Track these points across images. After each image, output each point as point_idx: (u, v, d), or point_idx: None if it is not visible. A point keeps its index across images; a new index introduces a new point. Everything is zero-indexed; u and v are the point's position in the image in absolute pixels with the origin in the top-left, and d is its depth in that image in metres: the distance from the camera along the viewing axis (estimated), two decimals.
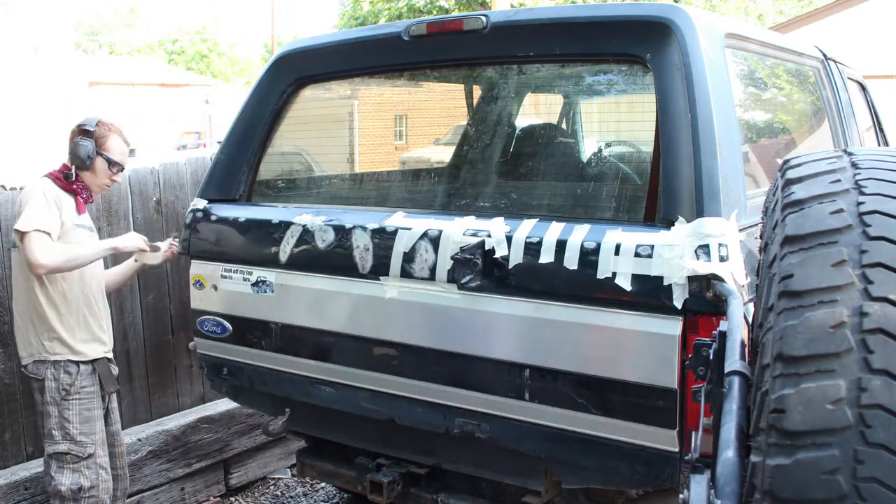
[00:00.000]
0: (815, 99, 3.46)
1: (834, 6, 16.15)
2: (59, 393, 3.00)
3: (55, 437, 3.00)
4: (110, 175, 3.14)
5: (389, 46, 2.86)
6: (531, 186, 2.89)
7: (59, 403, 3.01)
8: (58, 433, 3.00)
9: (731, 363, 1.34)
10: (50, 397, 3.01)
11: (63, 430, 3.00)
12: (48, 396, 3.01)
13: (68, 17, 14.88)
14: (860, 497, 0.98)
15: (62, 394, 3.01)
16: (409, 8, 20.15)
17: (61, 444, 3.00)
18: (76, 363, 3.05)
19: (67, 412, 3.01)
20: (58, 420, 3.00)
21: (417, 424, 2.62)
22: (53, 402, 3.01)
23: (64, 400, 3.01)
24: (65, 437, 3.00)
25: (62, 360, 3.02)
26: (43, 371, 3.02)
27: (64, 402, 3.01)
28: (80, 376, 3.05)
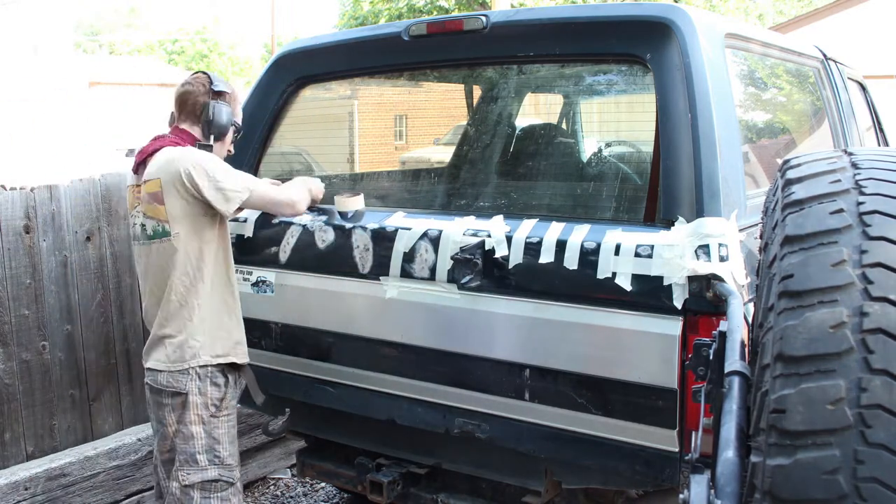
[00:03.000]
0: (815, 99, 3.46)
1: (834, 6, 16.15)
2: (206, 410, 2.57)
3: (201, 463, 2.56)
4: (230, 145, 2.75)
5: (389, 46, 2.86)
6: (531, 186, 2.89)
7: (207, 422, 2.57)
8: (204, 457, 2.56)
9: (731, 363, 1.34)
10: (195, 415, 2.55)
11: (212, 453, 2.57)
12: (192, 414, 2.55)
13: (68, 17, 14.89)
14: (860, 497, 0.98)
15: (212, 410, 2.57)
16: (409, 8, 20.15)
17: (209, 469, 2.57)
18: (223, 372, 2.61)
19: (217, 431, 2.59)
20: (206, 442, 2.56)
21: (417, 424, 2.62)
22: (199, 420, 2.56)
23: (213, 417, 2.58)
24: (212, 461, 2.58)
25: (209, 368, 2.56)
26: (184, 383, 2.54)
27: (213, 420, 2.58)
28: (229, 388, 2.63)
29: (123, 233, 3.66)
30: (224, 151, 2.70)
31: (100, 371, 3.65)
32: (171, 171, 2.48)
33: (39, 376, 3.43)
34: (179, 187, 2.48)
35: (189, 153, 2.51)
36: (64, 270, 3.51)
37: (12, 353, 3.32)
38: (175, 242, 2.53)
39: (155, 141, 2.62)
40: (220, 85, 2.65)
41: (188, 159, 2.49)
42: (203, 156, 2.51)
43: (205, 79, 2.66)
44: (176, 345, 2.55)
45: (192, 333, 2.55)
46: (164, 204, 2.51)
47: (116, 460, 3.49)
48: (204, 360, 2.56)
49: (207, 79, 2.66)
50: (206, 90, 2.62)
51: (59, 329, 3.50)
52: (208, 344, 2.57)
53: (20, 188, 3.38)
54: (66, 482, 3.33)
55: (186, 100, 2.63)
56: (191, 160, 2.48)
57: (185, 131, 2.63)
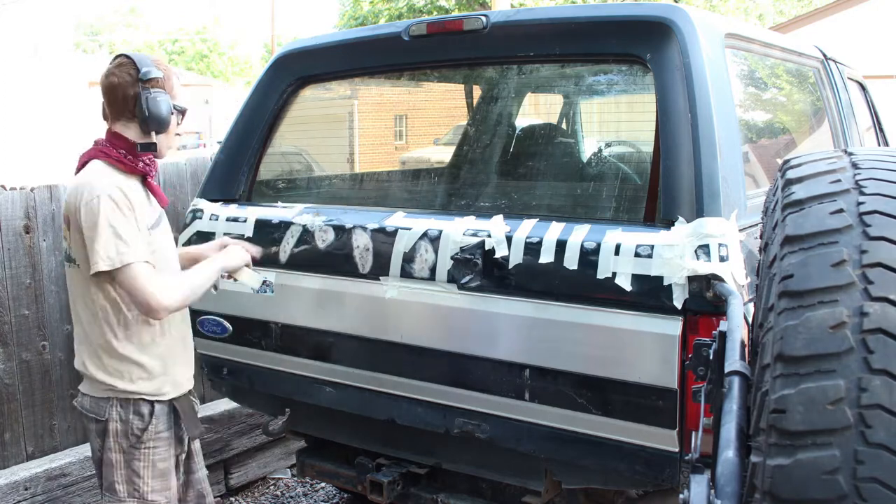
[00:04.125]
0: (815, 99, 3.47)
1: (834, 6, 16.16)
2: (126, 439, 2.35)
3: (119, 493, 2.36)
4: (176, 129, 2.40)
5: (389, 46, 2.86)
6: (531, 186, 2.89)
7: (127, 452, 2.35)
8: (122, 488, 2.36)
9: (731, 363, 1.34)
10: (115, 443, 2.34)
11: (131, 486, 2.36)
12: (111, 442, 2.34)
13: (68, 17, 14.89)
14: (860, 497, 0.98)
15: (131, 440, 2.35)
16: (409, 8, 20.15)
17: (126, 501, 2.36)
18: (150, 402, 2.37)
19: (136, 463, 2.36)
20: (124, 472, 2.36)
21: (417, 424, 2.62)
22: (119, 449, 2.35)
23: (133, 448, 2.35)
24: (132, 493, 2.36)
25: (133, 398, 2.34)
26: (105, 409, 2.34)
27: (133, 451, 2.36)
28: (155, 418, 2.37)
29: None
30: (171, 141, 2.39)
31: None
32: (76, 199, 2.23)
33: (39, 376, 3.43)
34: (75, 220, 2.24)
35: (96, 188, 2.20)
36: (64, 270, 3.51)
37: (12, 353, 3.32)
38: (78, 271, 2.31)
39: (89, 149, 2.36)
40: (150, 69, 2.27)
41: (92, 195, 2.19)
42: (104, 202, 2.18)
43: (129, 65, 2.28)
44: (90, 377, 2.36)
45: (103, 372, 2.33)
46: (70, 230, 2.30)
47: None
48: (122, 395, 2.34)
49: (132, 65, 2.27)
50: (133, 79, 2.26)
51: (59, 329, 3.50)
52: (124, 383, 2.33)
53: (20, 188, 3.38)
54: (66, 482, 3.33)
55: (115, 93, 2.29)
56: (93, 196, 2.19)
57: (118, 136, 2.31)
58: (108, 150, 2.30)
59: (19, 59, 13.07)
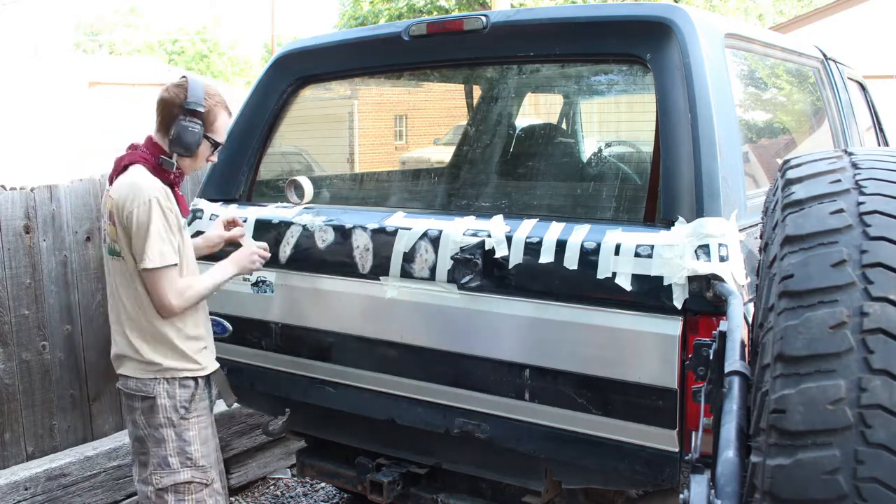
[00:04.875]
0: (815, 99, 3.47)
1: (834, 6, 16.15)
2: (175, 412, 2.53)
3: (172, 465, 2.53)
4: (209, 156, 2.61)
5: (389, 46, 2.86)
6: (531, 186, 2.89)
7: (177, 425, 2.54)
8: (175, 460, 2.53)
9: (731, 363, 1.34)
10: (165, 418, 2.52)
11: (183, 456, 2.54)
12: (161, 417, 2.52)
13: (68, 17, 14.89)
14: (860, 497, 0.98)
15: (181, 412, 2.54)
16: (409, 8, 20.15)
17: (181, 472, 2.54)
18: (194, 378, 2.58)
19: (187, 433, 2.55)
20: (176, 444, 2.54)
21: (417, 424, 2.62)
22: (169, 423, 2.53)
23: (183, 419, 2.55)
24: (184, 462, 2.55)
25: (178, 376, 2.55)
26: (153, 387, 2.52)
27: (183, 423, 2.55)
28: (198, 390, 2.59)
29: None
30: (199, 164, 2.61)
31: (100, 371, 3.64)
32: (123, 200, 2.42)
33: (39, 376, 3.43)
34: (121, 220, 2.44)
35: (146, 191, 2.41)
36: (64, 270, 3.51)
37: (12, 353, 3.32)
38: (124, 263, 2.50)
39: (128, 153, 2.55)
40: (194, 103, 2.46)
41: (142, 198, 2.40)
42: (154, 205, 2.40)
43: (182, 91, 2.49)
44: (139, 360, 2.54)
45: (150, 352, 2.52)
46: (115, 226, 2.48)
47: (116, 460, 3.49)
48: (169, 374, 2.54)
49: (184, 92, 2.48)
50: (179, 104, 2.47)
51: (59, 329, 3.50)
52: (170, 361, 2.54)
53: (20, 188, 3.38)
54: (66, 482, 3.33)
55: (163, 108, 2.51)
56: (143, 200, 2.40)
57: (155, 144, 2.52)
58: (147, 157, 2.51)
59: (19, 59, 13.07)
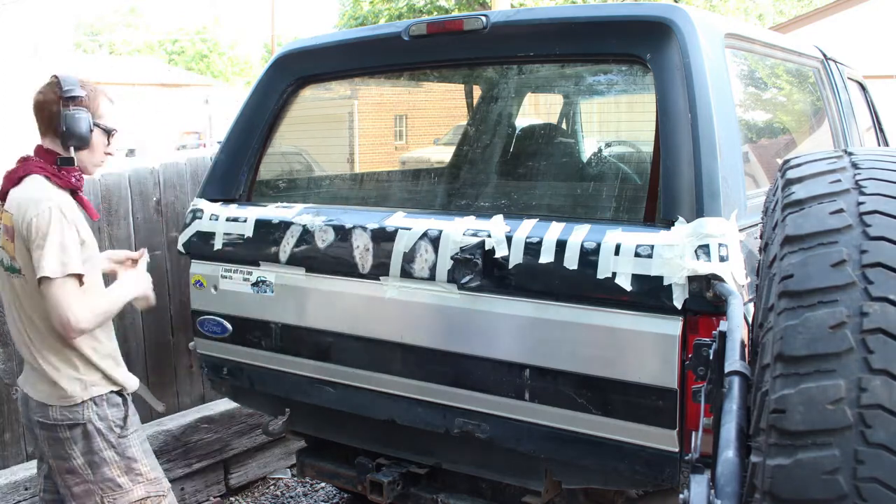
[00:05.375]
0: (815, 99, 3.46)
1: (834, 6, 16.16)
2: (112, 433, 2.43)
3: (124, 486, 2.42)
4: (105, 148, 2.49)
5: (389, 46, 2.86)
6: (531, 186, 2.89)
7: (117, 445, 2.43)
8: (125, 479, 2.43)
9: (731, 363, 1.34)
10: (102, 441, 2.41)
11: (132, 473, 2.44)
12: (98, 442, 2.40)
13: (68, 17, 14.89)
14: (860, 497, 0.98)
15: (117, 432, 2.44)
16: (409, 8, 20.17)
17: (134, 489, 2.44)
18: (120, 393, 2.50)
19: (130, 450, 2.45)
20: (122, 463, 2.43)
21: (417, 424, 2.62)
22: (108, 445, 2.42)
23: (121, 438, 2.44)
24: (135, 479, 2.45)
25: (103, 394, 2.44)
26: (81, 412, 2.39)
27: (122, 441, 2.44)
28: (129, 405, 2.51)
29: (124, 233, 3.66)
30: (98, 157, 2.49)
31: None
32: (23, 213, 2.31)
33: None
34: (22, 233, 2.31)
35: (44, 200, 2.29)
36: None
37: (12, 353, 3.31)
38: (24, 281, 2.37)
39: (21, 164, 2.43)
40: (73, 88, 2.37)
41: (41, 208, 2.28)
42: (55, 213, 2.28)
43: (55, 84, 2.39)
44: (54, 382, 2.40)
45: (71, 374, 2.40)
46: (14, 242, 2.35)
47: None
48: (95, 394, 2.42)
49: (58, 83, 2.38)
50: (57, 97, 2.36)
51: None
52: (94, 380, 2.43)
53: None
54: None
55: (42, 111, 2.41)
56: (43, 209, 2.28)
57: (47, 150, 2.41)
58: (43, 165, 2.40)
59: (19, 59, 13.06)
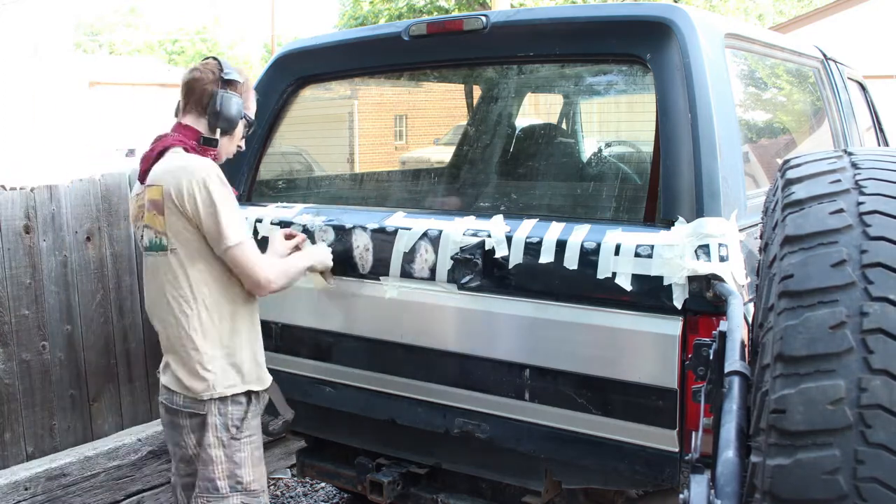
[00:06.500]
0: (815, 99, 3.46)
1: (834, 6, 16.15)
2: (226, 432, 2.37)
3: (221, 490, 2.37)
4: (240, 140, 2.52)
5: (389, 46, 2.86)
6: (531, 186, 2.89)
7: (227, 445, 2.37)
8: (224, 483, 2.37)
9: (731, 363, 1.34)
10: (215, 437, 2.35)
11: (234, 479, 2.38)
12: (211, 437, 2.35)
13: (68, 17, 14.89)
14: (860, 497, 0.98)
15: (232, 432, 2.37)
16: (409, 8, 20.16)
17: (231, 497, 2.38)
18: (247, 393, 2.43)
19: (239, 455, 2.39)
20: (226, 466, 2.37)
21: (417, 424, 2.62)
22: (219, 443, 2.36)
23: (234, 440, 2.38)
24: (235, 487, 2.38)
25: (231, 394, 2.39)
26: (205, 404, 2.36)
27: (233, 443, 2.38)
28: (251, 405, 2.44)
29: (124, 233, 3.66)
30: (233, 147, 2.51)
31: (100, 371, 3.64)
32: (175, 182, 2.27)
33: (39, 376, 3.43)
34: (179, 204, 2.27)
35: (202, 169, 2.28)
36: (64, 270, 3.51)
37: (12, 353, 3.32)
38: (172, 258, 2.32)
39: (158, 142, 2.39)
40: (232, 73, 2.40)
41: (198, 176, 2.26)
42: (214, 181, 2.27)
43: (215, 65, 2.40)
44: (187, 372, 2.37)
45: (200, 362, 2.35)
46: (164, 215, 2.30)
47: (116, 460, 3.49)
48: (218, 391, 2.36)
49: (218, 65, 2.40)
50: (215, 78, 2.37)
51: (59, 329, 3.50)
52: (220, 374, 2.37)
53: (20, 188, 3.38)
54: (66, 482, 3.33)
55: (193, 87, 2.39)
56: (201, 178, 2.25)
57: (188, 127, 2.39)
58: (183, 140, 2.38)
59: (19, 59, 13.07)
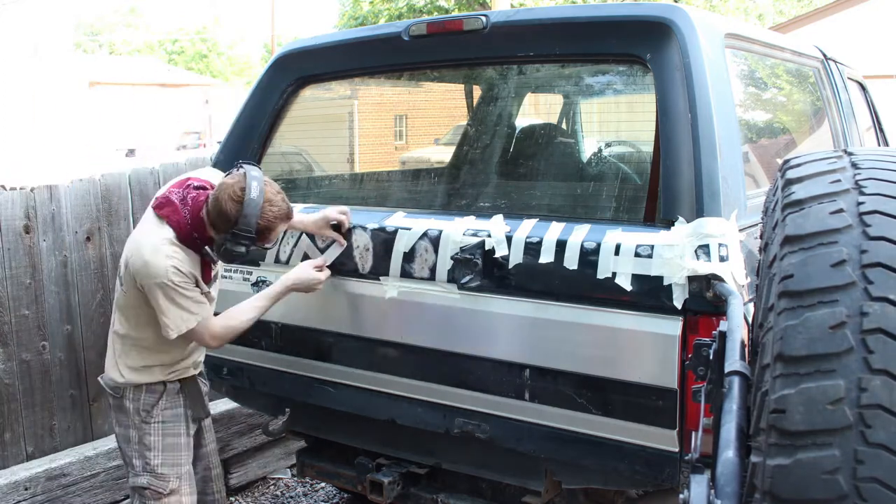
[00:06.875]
0: (815, 99, 3.46)
1: (834, 6, 16.16)
2: (139, 415, 2.59)
3: (135, 467, 2.61)
4: None
5: (389, 46, 2.86)
6: (531, 186, 2.89)
7: (140, 427, 2.59)
8: (138, 462, 2.60)
9: (731, 363, 1.34)
10: (130, 419, 2.59)
11: (143, 460, 2.60)
12: (127, 418, 2.60)
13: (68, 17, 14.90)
14: (860, 497, 0.98)
15: (142, 416, 2.59)
16: (409, 8, 20.15)
17: (142, 476, 2.60)
18: (163, 382, 2.62)
19: (148, 438, 2.60)
20: (138, 448, 2.60)
21: (417, 424, 2.62)
22: (133, 425, 2.59)
23: (144, 423, 2.59)
24: (144, 467, 2.60)
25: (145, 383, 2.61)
26: (122, 388, 2.61)
27: (144, 427, 2.59)
28: (165, 396, 2.63)
29: (124, 233, 3.66)
30: None
31: (100, 371, 3.63)
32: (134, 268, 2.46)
33: (39, 376, 3.43)
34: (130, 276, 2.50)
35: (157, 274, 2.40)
36: (64, 270, 3.51)
37: (12, 353, 3.32)
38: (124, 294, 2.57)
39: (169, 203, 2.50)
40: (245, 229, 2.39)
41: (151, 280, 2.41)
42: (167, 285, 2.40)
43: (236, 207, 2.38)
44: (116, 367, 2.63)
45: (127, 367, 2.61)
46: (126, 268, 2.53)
47: (116, 460, 3.49)
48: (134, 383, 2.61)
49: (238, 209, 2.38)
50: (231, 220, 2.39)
51: (59, 329, 3.50)
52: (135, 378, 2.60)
53: (20, 188, 3.38)
54: (66, 482, 3.33)
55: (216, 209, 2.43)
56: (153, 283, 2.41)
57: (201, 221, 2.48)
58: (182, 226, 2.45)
59: (19, 59, 13.07)
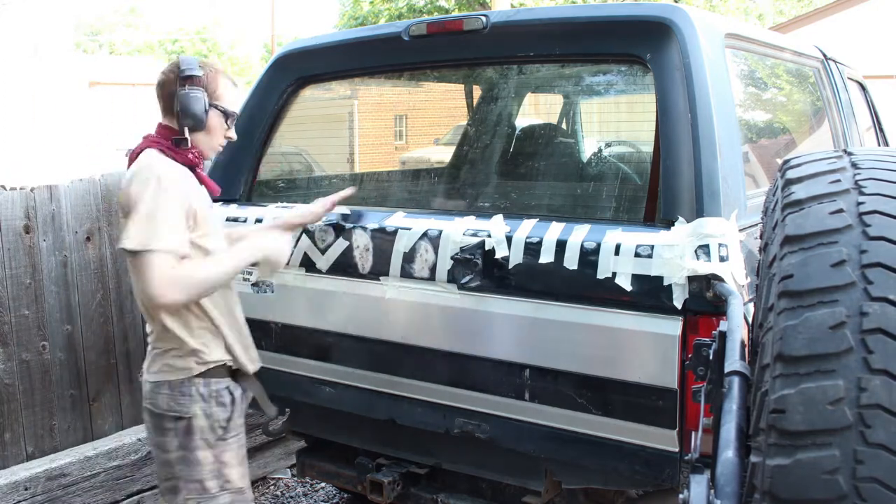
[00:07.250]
0: (815, 99, 3.47)
1: (834, 6, 16.16)
2: (213, 433, 2.34)
3: (210, 490, 2.35)
4: (225, 131, 2.41)
5: (389, 46, 2.86)
6: (531, 186, 2.89)
7: (214, 446, 2.35)
8: (214, 483, 2.35)
9: (731, 363, 1.34)
10: (201, 440, 2.33)
11: (222, 479, 2.36)
12: (198, 439, 2.32)
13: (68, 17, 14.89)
14: (860, 497, 0.99)
15: (218, 433, 2.35)
16: (409, 8, 20.15)
17: (221, 496, 2.36)
18: (228, 390, 2.38)
19: (226, 455, 2.37)
20: (213, 467, 2.35)
21: (417, 424, 2.62)
22: (206, 444, 2.33)
23: (220, 440, 2.36)
24: (224, 486, 2.37)
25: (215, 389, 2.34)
26: (188, 406, 2.31)
27: (220, 444, 2.36)
28: (235, 405, 2.40)
29: None
30: (216, 141, 2.40)
31: (100, 371, 3.65)
32: (127, 183, 2.26)
33: (39, 376, 3.43)
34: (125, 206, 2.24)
35: (147, 169, 2.23)
36: (64, 270, 3.51)
37: (12, 353, 3.32)
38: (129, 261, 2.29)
39: (140, 143, 2.38)
40: (191, 68, 2.31)
41: (141, 176, 2.22)
42: (151, 183, 2.18)
43: (174, 64, 2.35)
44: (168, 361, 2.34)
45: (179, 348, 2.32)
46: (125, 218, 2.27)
47: (116, 460, 3.49)
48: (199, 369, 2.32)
49: (177, 64, 2.34)
50: (175, 77, 2.31)
51: (59, 329, 3.50)
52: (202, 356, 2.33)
53: (20, 188, 3.38)
54: (66, 482, 3.33)
55: (161, 92, 2.36)
56: (142, 178, 2.20)
57: (166, 127, 2.36)
58: (158, 140, 2.34)
59: (19, 59, 13.07)
